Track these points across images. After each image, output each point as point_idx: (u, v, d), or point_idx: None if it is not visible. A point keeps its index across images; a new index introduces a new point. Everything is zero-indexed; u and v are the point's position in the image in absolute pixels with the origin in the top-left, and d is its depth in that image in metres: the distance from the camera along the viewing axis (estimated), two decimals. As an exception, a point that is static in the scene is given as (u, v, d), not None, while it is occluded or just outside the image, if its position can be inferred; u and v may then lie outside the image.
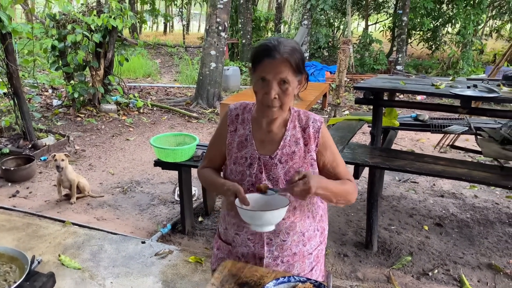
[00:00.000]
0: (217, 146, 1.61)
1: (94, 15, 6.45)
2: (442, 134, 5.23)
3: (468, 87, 3.08)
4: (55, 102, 7.48)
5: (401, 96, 9.24)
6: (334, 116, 6.73)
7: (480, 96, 2.75)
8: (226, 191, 1.43)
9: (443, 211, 4.03)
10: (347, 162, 3.12)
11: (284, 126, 1.51)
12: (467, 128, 3.79)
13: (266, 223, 1.32)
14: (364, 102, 3.27)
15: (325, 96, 8.34)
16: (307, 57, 12.97)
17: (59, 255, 3.05)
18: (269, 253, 1.52)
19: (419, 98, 8.88)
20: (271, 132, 1.50)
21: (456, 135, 5.18)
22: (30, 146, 5.14)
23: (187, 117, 7.41)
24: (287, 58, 1.36)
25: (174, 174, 4.58)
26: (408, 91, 3.14)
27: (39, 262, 1.76)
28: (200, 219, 3.75)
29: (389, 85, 3.30)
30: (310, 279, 1.35)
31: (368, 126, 4.34)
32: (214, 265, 1.70)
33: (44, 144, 5.22)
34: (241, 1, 13.66)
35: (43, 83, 8.56)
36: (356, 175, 3.06)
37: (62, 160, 3.91)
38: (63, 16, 6.57)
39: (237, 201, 1.36)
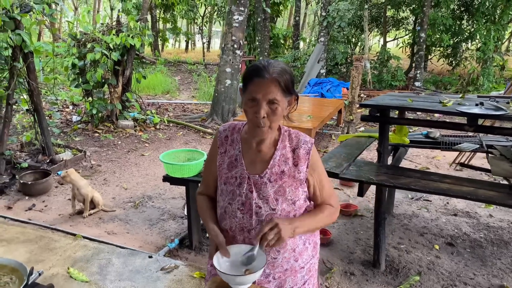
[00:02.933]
0: (210, 169, 1.64)
1: (113, 34, 6.67)
2: (458, 152, 5.15)
3: (477, 105, 3.05)
4: (75, 118, 7.70)
5: (419, 113, 9.14)
6: (347, 132, 6.71)
7: (485, 114, 2.72)
8: (211, 238, 1.51)
9: (456, 230, 3.95)
10: (351, 180, 3.11)
11: (274, 146, 1.54)
12: (478, 146, 3.73)
13: (241, 284, 1.38)
14: (369, 119, 3.27)
15: (340, 112, 8.33)
16: (324, 74, 13.01)
17: (68, 268, 3.11)
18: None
19: (437, 115, 8.76)
20: (260, 152, 1.53)
21: (471, 154, 5.09)
22: (48, 160, 5.30)
23: (201, 133, 7.51)
24: (276, 78, 1.39)
25: (185, 189, 4.64)
26: (413, 108, 3.13)
27: (40, 274, 1.82)
28: (207, 234, 3.77)
29: (396, 102, 3.30)
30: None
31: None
32: (207, 281, 1.73)
33: (61, 159, 5.38)
34: (259, 19, 13.87)
35: (64, 100, 8.84)
36: (361, 193, 3.05)
37: (66, 175, 4.07)
38: (83, 35, 6.82)
39: (215, 259, 1.42)
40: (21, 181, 4.60)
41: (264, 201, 1.49)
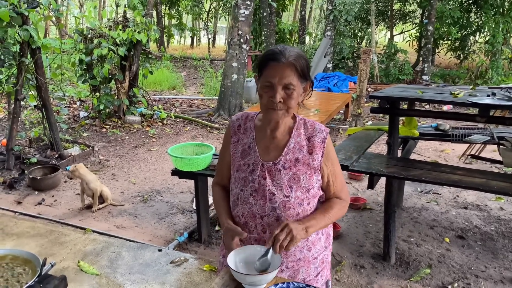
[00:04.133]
0: (224, 159, 1.64)
1: (120, 29, 6.67)
2: (467, 145, 5.10)
3: (488, 96, 3.01)
4: (82, 114, 7.73)
5: (427, 106, 9.07)
6: (355, 126, 6.67)
7: (498, 104, 2.68)
8: (226, 231, 1.50)
9: (466, 223, 3.92)
10: (362, 172, 3.09)
11: (288, 133, 1.53)
12: (489, 138, 3.68)
13: (254, 285, 1.35)
14: (379, 111, 3.24)
15: (347, 106, 8.28)
16: (331, 68, 12.94)
17: (79, 261, 3.13)
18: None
19: (445, 108, 8.69)
20: (275, 139, 1.52)
21: (482, 146, 5.03)
22: (56, 156, 5.33)
23: (208, 128, 7.51)
24: (293, 62, 1.38)
25: (193, 183, 4.64)
26: (425, 100, 3.09)
27: (52, 266, 1.82)
28: (216, 228, 3.78)
29: (406, 94, 3.27)
30: (309, 286, 1.35)
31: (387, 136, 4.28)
32: (219, 272, 1.72)
33: (69, 154, 5.40)
34: (265, 14, 13.81)
35: (72, 96, 8.88)
36: (371, 185, 3.02)
37: (73, 171, 4.09)
38: (90, 31, 6.82)
39: (230, 258, 1.40)
40: (30, 176, 4.63)
41: (278, 188, 1.48)
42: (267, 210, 1.48)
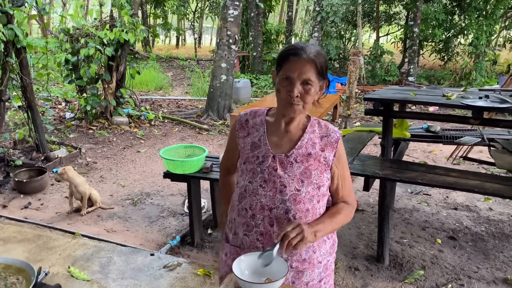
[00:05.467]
0: (230, 154, 1.67)
1: (107, 29, 6.56)
2: (455, 146, 5.16)
3: (480, 98, 3.03)
4: (68, 115, 7.58)
5: (413, 107, 9.17)
6: (345, 127, 6.70)
7: (492, 106, 2.71)
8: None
9: (457, 224, 3.95)
10: (357, 174, 3.08)
11: (302, 129, 1.53)
12: (480, 140, 3.73)
13: None
14: (374, 113, 3.25)
15: (335, 107, 8.31)
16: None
17: (69, 267, 3.05)
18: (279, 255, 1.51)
19: (431, 109, 8.79)
20: (289, 133, 1.52)
21: (469, 147, 5.10)
22: (42, 158, 5.20)
23: (197, 129, 7.44)
24: (313, 59, 1.40)
25: (184, 186, 4.56)
26: (418, 102, 3.11)
27: (46, 274, 1.77)
28: (209, 231, 3.73)
29: (399, 96, 3.28)
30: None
31: (379, 138, 4.30)
32: (222, 271, 1.68)
33: (56, 156, 5.28)
34: (252, 15, 13.78)
35: (57, 96, 8.70)
36: (366, 187, 3.02)
37: (62, 174, 3.99)
38: (76, 30, 6.69)
39: (235, 265, 1.37)
40: (16, 179, 4.51)
41: (290, 180, 1.46)
42: (276, 202, 1.46)
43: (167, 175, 3.40)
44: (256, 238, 1.51)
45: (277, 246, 1.36)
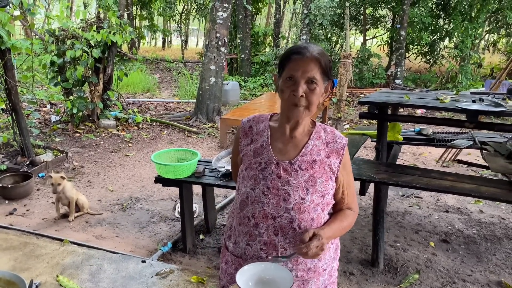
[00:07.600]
0: (235, 162, 1.63)
1: (94, 30, 6.43)
2: (444, 149, 5.19)
3: (473, 101, 3.04)
4: (54, 118, 7.41)
5: (401, 110, 9.21)
6: (335, 130, 6.69)
7: (487, 110, 2.71)
8: None
9: (449, 227, 3.96)
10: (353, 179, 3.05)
11: (307, 135, 1.48)
12: (472, 143, 3.74)
13: None
14: (369, 116, 3.23)
15: (325, 110, 8.31)
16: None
17: (57, 276, 2.95)
18: (283, 266, 1.46)
19: (419, 112, 8.85)
20: (294, 138, 1.48)
21: (459, 149, 5.14)
22: (28, 162, 5.07)
23: (186, 132, 7.36)
24: (317, 57, 1.36)
25: (174, 190, 4.50)
26: (414, 105, 3.10)
27: (37, 287, 1.69)
28: (201, 236, 3.67)
29: (393, 99, 3.26)
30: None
31: (372, 141, 4.29)
32: (223, 281, 1.63)
33: (42, 161, 5.15)
34: (240, 17, 13.74)
35: (42, 99, 8.52)
36: (363, 192, 3.00)
37: (59, 184, 3.82)
38: (62, 31, 6.55)
39: (239, 276, 1.33)
40: (0, 184, 4.37)
41: (294, 189, 1.41)
42: (280, 210, 1.41)
43: (159, 180, 3.33)
44: (259, 248, 1.46)
45: (293, 255, 1.34)
